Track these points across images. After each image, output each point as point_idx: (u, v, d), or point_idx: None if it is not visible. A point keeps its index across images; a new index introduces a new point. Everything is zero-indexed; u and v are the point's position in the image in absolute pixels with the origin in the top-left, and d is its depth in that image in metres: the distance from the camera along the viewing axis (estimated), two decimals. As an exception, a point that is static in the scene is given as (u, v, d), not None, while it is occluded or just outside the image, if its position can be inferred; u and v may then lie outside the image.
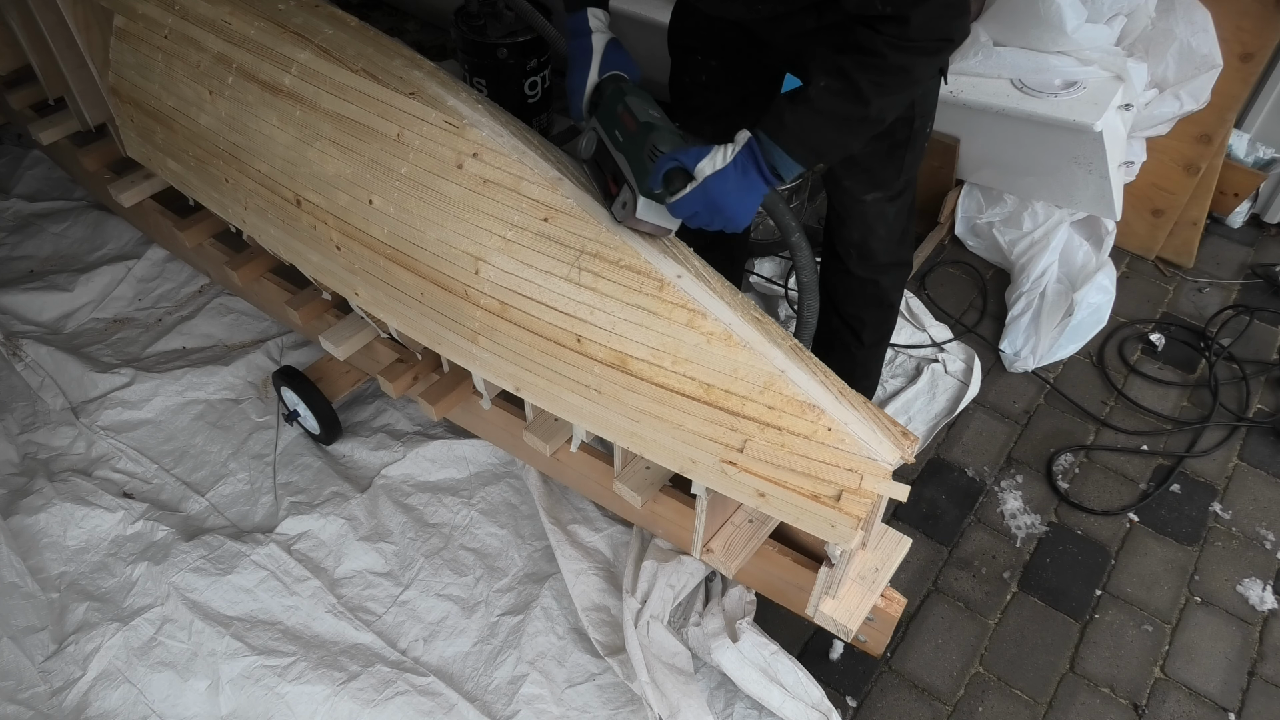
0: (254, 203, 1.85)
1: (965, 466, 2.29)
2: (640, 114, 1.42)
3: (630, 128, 1.42)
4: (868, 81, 1.25)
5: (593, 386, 1.47)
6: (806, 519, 1.36)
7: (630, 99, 1.45)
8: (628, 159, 1.41)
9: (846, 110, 1.28)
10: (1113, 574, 2.08)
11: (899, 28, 1.20)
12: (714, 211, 1.34)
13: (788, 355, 1.38)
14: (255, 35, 1.78)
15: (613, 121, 1.45)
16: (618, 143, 1.43)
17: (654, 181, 1.35)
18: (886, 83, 1.25)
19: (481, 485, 2.13)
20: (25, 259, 2.65)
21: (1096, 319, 2.59)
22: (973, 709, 1.85)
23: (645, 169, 1.37)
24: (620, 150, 1.43)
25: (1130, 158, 2.62)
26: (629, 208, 1.39)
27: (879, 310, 2.00)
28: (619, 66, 1.54)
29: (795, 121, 1.29)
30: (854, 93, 1.25)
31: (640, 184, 1.37)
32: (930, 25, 1.21)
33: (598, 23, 1.54)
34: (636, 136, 1.40)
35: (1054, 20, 2.32)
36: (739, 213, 1.35)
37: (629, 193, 1.39)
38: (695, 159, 1.33)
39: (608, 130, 1.46)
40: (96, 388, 2.27)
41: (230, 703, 1.76)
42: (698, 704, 1.68)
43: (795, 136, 1.30)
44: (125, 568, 1.94)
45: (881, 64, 1.23)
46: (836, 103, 1.27)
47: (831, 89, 1.27)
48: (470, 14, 2.68)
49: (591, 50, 1.52)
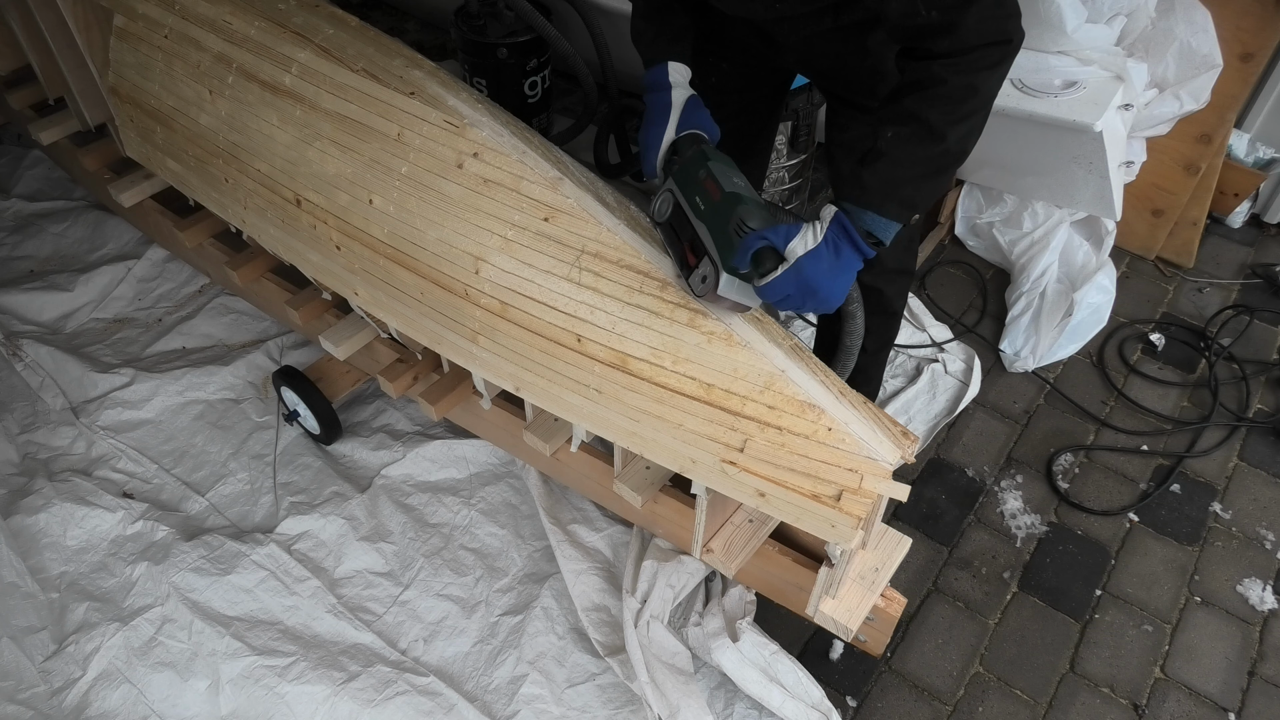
0: (254, 202, 1.85)
1: (965, 466, 2.29)
2: (725, 183, 1.35)
3: (713, 196, 1.34)
4: (937, 114, 1.20)
5: (593, 386, 1.47)
6: (807, 519, 1.36)
7: (713, 164, 1.38)
8: (710, 230, 1.33)
9: (925, 151, 1.23)
10: (1113, 574, 2.08)
11: (950, 38, 1.16)
12: (806, 293, 1.27)
13: (788, 355, 1.38)
14: (255, 35, 1.78)
15: (693, 187, 1.38)
16: (698, 211, 1.36)
17: (741, 261, 1.28)
18: (956, 110, 1.20)
19: (481, 485, 2.13)
20: (25, 259, 2.65)
21: (1096, 319, 2.59)
22: (973, 709, 1.85)
23: (730, 244, 1.29)
24: (701, 219, 1.35)
25: (1130, 158, 2.62)
26: (709, 282, 1.32)
27: (883, 317, 2.00)
28: (699, 125, 1.48)
29: (876, 180, 1.24)
30: (926, 131, 1.21)
31: (724, 260, 1.30)
32: (983, 28, 1.16)
33: (678, 77, 1.50)
34: (720, 207, 1.32)
35: (1054, 20, 2.32)
36: (833, 293, 1.28)
37: (710, 266, 1.32)
38: (786, 238, 1.26)
39: (687, 195, 1.39)
40: (96, 388, 2.27)
41: (230, 703, 1.76)
42: (698, 704, 1.68)
43: (881, 195, 1.25)
44: (125, 568, 1.94)
45: (945, 90, 1.18)
46: (912, 147, 1.22)
47: (902, 135, 1.22)
48: (470, 14, 2.68)
49: (670, 105, 1.47)
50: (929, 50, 1.18)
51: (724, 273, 1.30)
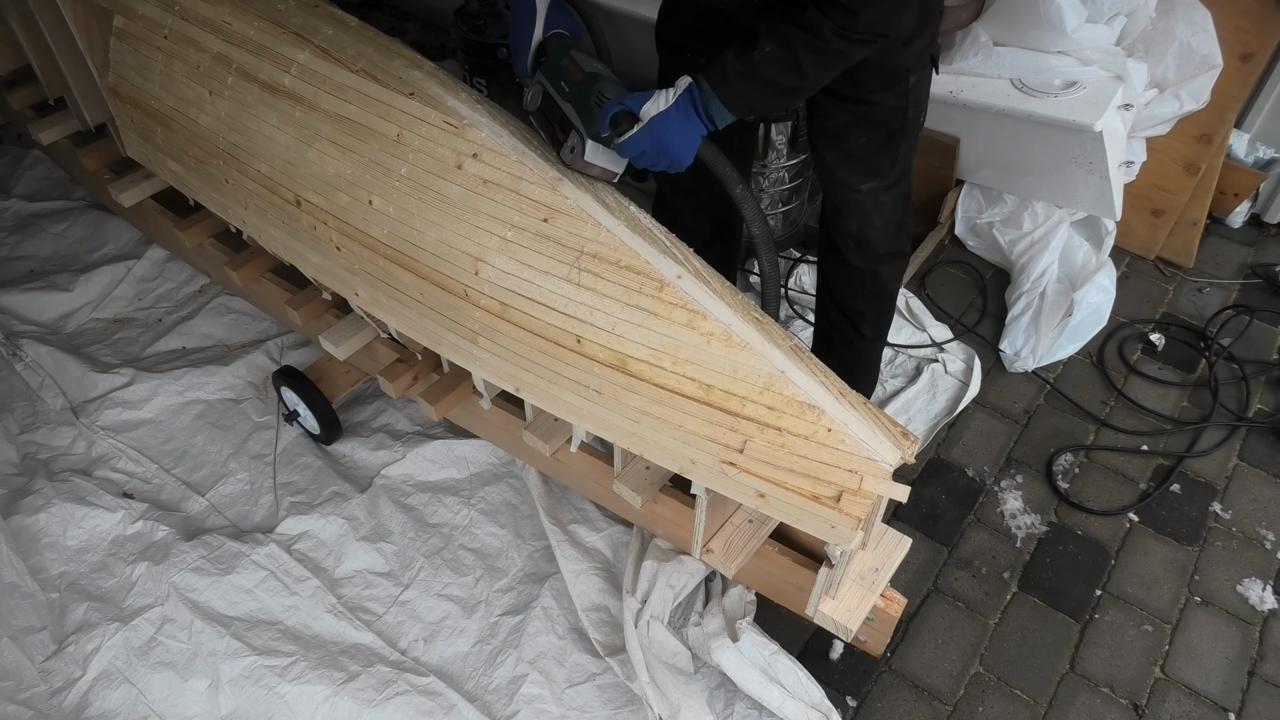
0: (254, 203, 1.85)
1: (965, 466, 2.29)
2: (585, 65, 1.47)
3: (576, 78, 1.47)
4: (809, 59, 1.36)
5: (593, 387, 1.47)
6: (806, 519, 1.36)
7: (575, 53, 1.50)
8: (575, 107, 1.46)
9: (785, 79, 1.39)
10: (1113, 574, 2.08)
11: (847, 18, 1.30)
12: (660, 150, 1.41)
13: (788, 356, 1.38)
14: (255, 35, 1.78)
15: (558, 74, 1.50)
16: (564, 93, 1.48)
17: (601, 125, 1.41)
18: (824, 62, 1.37)
19: (481, 485, 2.13)
20: (25, 259, 2.65)
21: (1096, 319, 2.59)
22: (973, 709, 1.85)
23: (592, 114, 1.42)
24: (566, 99, 1.47)
25: (1130, 158, 2.62)
26: (577, 151, 1.45)
27: (878, 302, 2.01)
28: (562, 25, 1.58)
29: (738, 80, 1.39)
30: (794, 64, 1.36)
31: (588, 128, 1.43)
32: (875, 21, 1.32)
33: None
34: (582, 85, 1.45)
35: (1054, 20, 2.32)
36: (682, 151, 1.42)
37: (577, 137, 1.45)
38: (640, 102, 1.40)
39: (553, 82, 1.50)
40: (96, 388, 2.28)
41: (230, 703, 1.76)
42: (698, 704, 1.68)
43: (735, 92, 1.40)
44: (125, 568, 1.94)
45: (825, 47, 1.34)
46: (777, 71, 1.37)
47: (775, 57, 1.36)
48: (470, 14, 2.68)
49: (535, 9, 1.56)
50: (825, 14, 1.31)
51: (589, 140, 1.43)
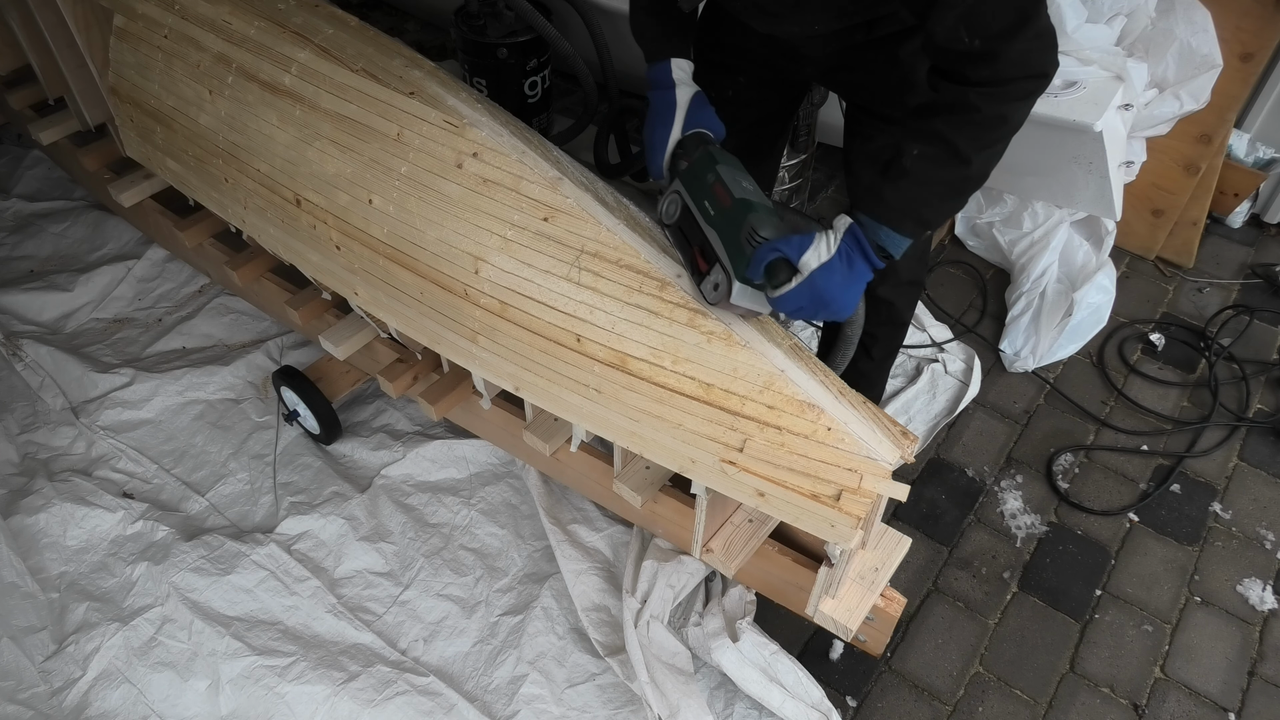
0: (254, 202, 1.85)
1: (965, 466, 2.29)
2: (734, 188, 1.35)
3: (724, 202, 1.34)
4: (965, 140, 1.19)
5: (592, 386, 1.47)
6: (806, 519, 1.36)
7: (722, 167, 1.38)
8: (720, 237, 1.33)
9: (948, 174, 1.23)
10: (1113, 574, 2.08)
11: (990, 68, 1.14)
12: (819, 305, 1.27)
13: (787, 355, 1.38)
14: (255, 35, 1.78)
15: (701, 190, 1.38)
16: (708, 215, 1.36)
17: (754, 272, 1.28)
18: (985, 137, 1.20)
19: (481, 485, 2.13)
20: (25, 259, 2.65)
21: (1096, 319, 2.59)
22: (973, 709, 1.85)
23: (742, 253, 1.30)
24: (711, 225, 1.35)
25: (1130, 158, 2.62)
26: (722, 290, 1.32)
27: (890, 328, 1.99)
28: (704, 124, 1.47)
29: (897, 196, 1.24)
30: (952, 154, 1.20)
31: (737, 269, 1.30)
32: (1023, 61, 1.15)
33: (682, 74, 1.48)
34: (731, 214, 1.32)
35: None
36: (846, 304, 1.29)
37: (723, 274, 1.32)
38: (799, 250, 1.26)
39: (695, 199, 1.38)
40: (96, 388, 2.27)
41: (230, 703, 1.76)
42: (698, 704, 1.68)
43: (899, 211, 1.24)
44: (125, 568, 1.94)
45: (977, 118, 1.18)
46: (936, 168, 1.22)
47: (928, 155, 1.21)
48: (470, 14, 2.68)
49: (675, 104, 1.46)
50: (965, 76, 1.17)
51: (736, 281, 1.30)
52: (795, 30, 1.45)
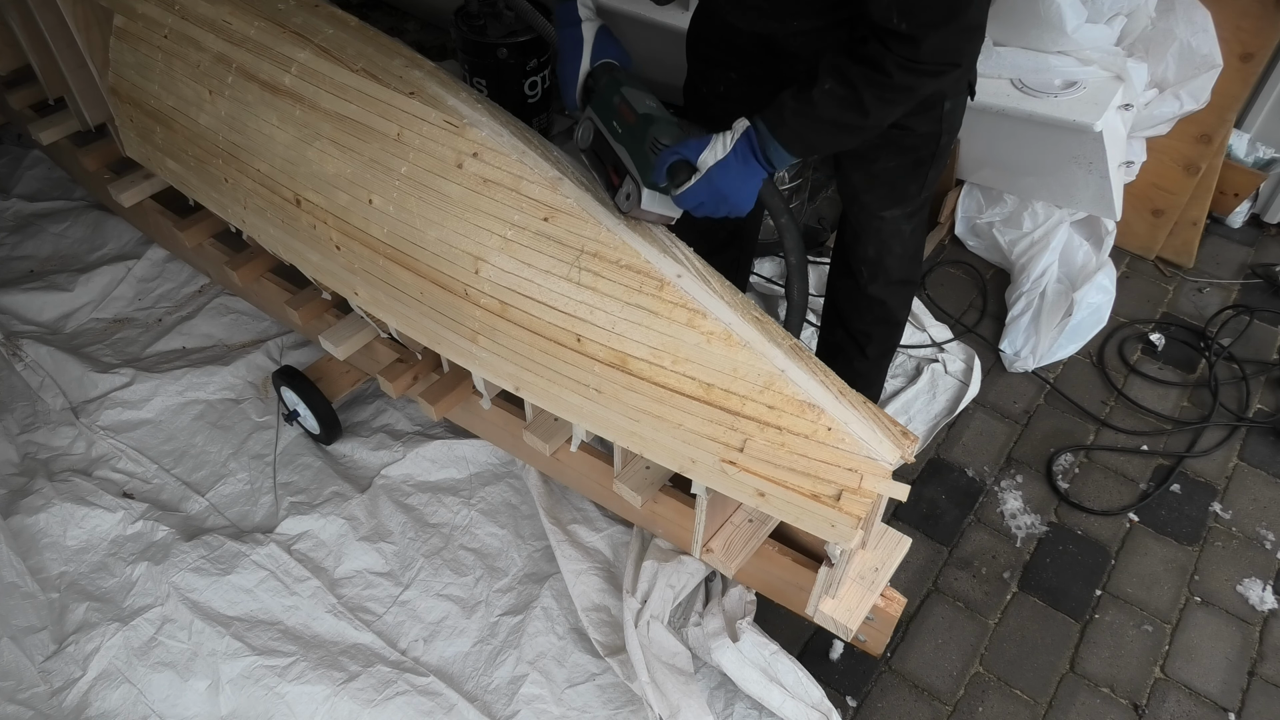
0: (254, 202, 1.85)
1: (965, 466, 2.29)
2: (638, 105, 1.43)
3: (629, 119, 1.43)
4: (871, 95, 1.27)
5: (593, 386, 1.47)
6: (806, 519, 1.36)
7: (626, 89, 1.46)
8: (629, 151, 1.42)
9: (847, 118, 1.31)
10: (1113, 574, 2.08)
11: (911, 49, 1.21)
12: (719, 200, 1.37)
13: (788, 355, 1.38)
14: (255, 35, 1.78)
15: (610, 112, 1.46)
16: (616, 134, 1.45)
17: (658, 175, 1.37)
18: (889, 98, 1.28)
19: (481, 485, 2.13)
20: (25, 259, 2.65)
21: (1096, 319, 2.59)
22: (973, 709, 1.85)
23: (648, 161, 1.39)
24: (620, 142, 1.44)
25: (1130, 158, 2.62)
26: (633, 199, 1.41)
27: (886, 327, 2.00)
28: (611, 54, 1.54)
29: (796, 120, 1.32)
30: (855, 101, 1.28)
31: (644, 176, 1.39)
32: (941, 49, 1.22)
33: (587, 11, 1.54)
34: (636, 128, 1.42)
35: (1054, 20, 2.32)
36: (742, 198, 1.38)
37: (633, 184, 1.41)
38: (697, 151, 1.36)
39: (605, 121, 1.47)
40: (96, 388, 2.27)
41: (230, 703, 1.76)
42: (698, 704, 1.68)
43: (794, 133, 1.34)
44: (125, 568, 1.94)
45: (888, 81, 1.25)
46: (838, 109, 1.29)
47: (835, 94, 1.28)
48: (470, 14, 2.68)
49: (582, 39, 1.53)
50: (888, 46, 1.24)
51: (645, 188, 1.39)
52: (776, 27, 1.51)
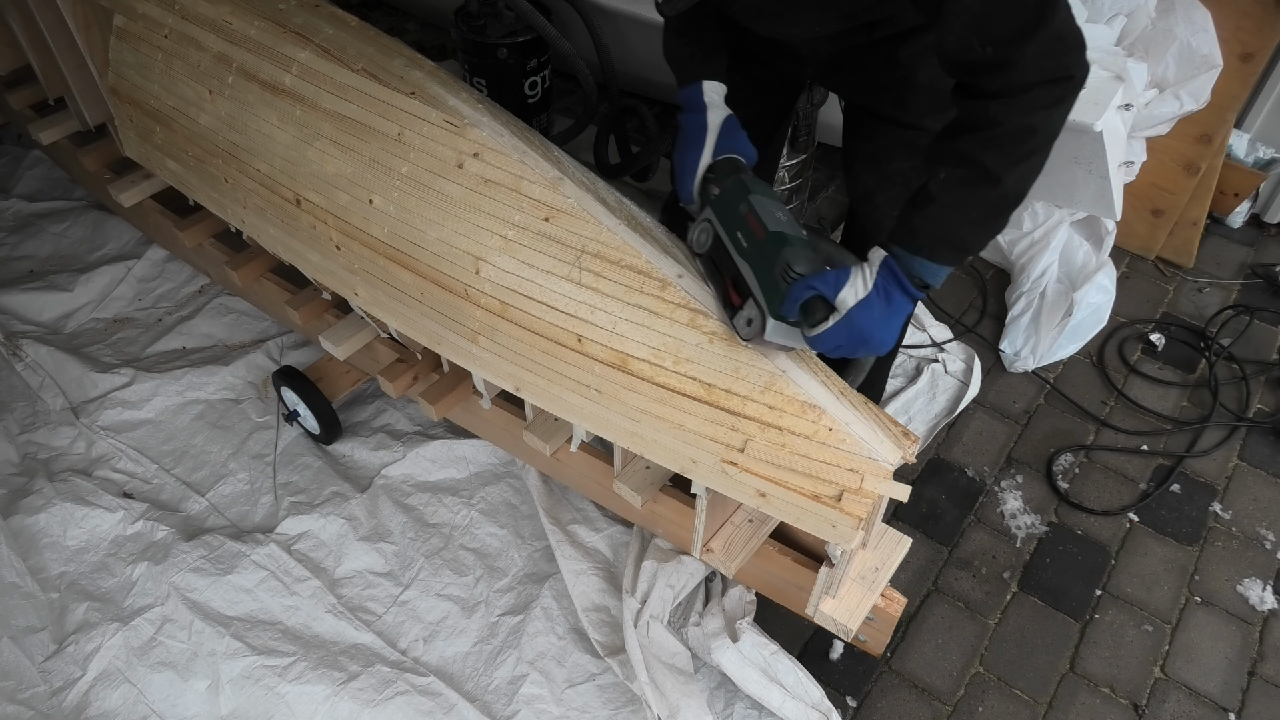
0: (254, 202, 1.85)
1: (965, 466, 2.29)
2: (769, 220, 1.31)
3: (757, 235, 1.30)
4: (993, 157, 1.13)
5: (593, 386, 1.47)
6: (807, 519, 1.36)
7: (755, 198, 1.34)
8: (754, 271, 1.30)
9: (979, 195, 1.16)
10: (1113, 574, 2.08)
11: (1005, 76, 1.08)
12: (859, 342, 1.23)
13: (788, 355, 1.38)
14: (255, 35, 1.78)
15: (734, 220, 1.34)
16: (740, 248, 1.32)
17: (789, 310, 1.25)
18: (1013, 152, 1.13)
19: (481, 485, 2.13)
20: (25, 259, 2.65)
21: (1096, 319, 2.59)
22: (973, 709, 1.85)
23: (777, 290, 1.26)
24: (745, 258, 1.32)
25: (1130, 158, 2.62)
26: (755, 325, 1.29)
27: None
28: (735, 149, 1.44)
29: (927, 224, 1.19)
30: (981, 174, 1.14)
31: (771, 306, 1.27)
32: (1041, 65, 1.08)
33: (715, 97, 1.45)
34: (764, 247, 1.29)
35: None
36: (885, 339, 1.24)
37: (756, 310, 1.29)
38: (835, 287, 1.21)
39: (728, 229, 1.35)
40: (96, 388, 2.27)
41: (230, 703, 1.76)
42: (698, 704, 1.68)
43: (933, 239, 1.19)
44: (125, 568, 1.94)
45: (1001, 133, 1.11)
46: (966, 191, 1.16)
47: (956, 178, 1.16)
48: (470, 14, 2.68)
49: (707, 128, 1.43)
50: (982, 89, 1.11)
51: (770, 318, 1.27)
52: (796, 32, 1.44)
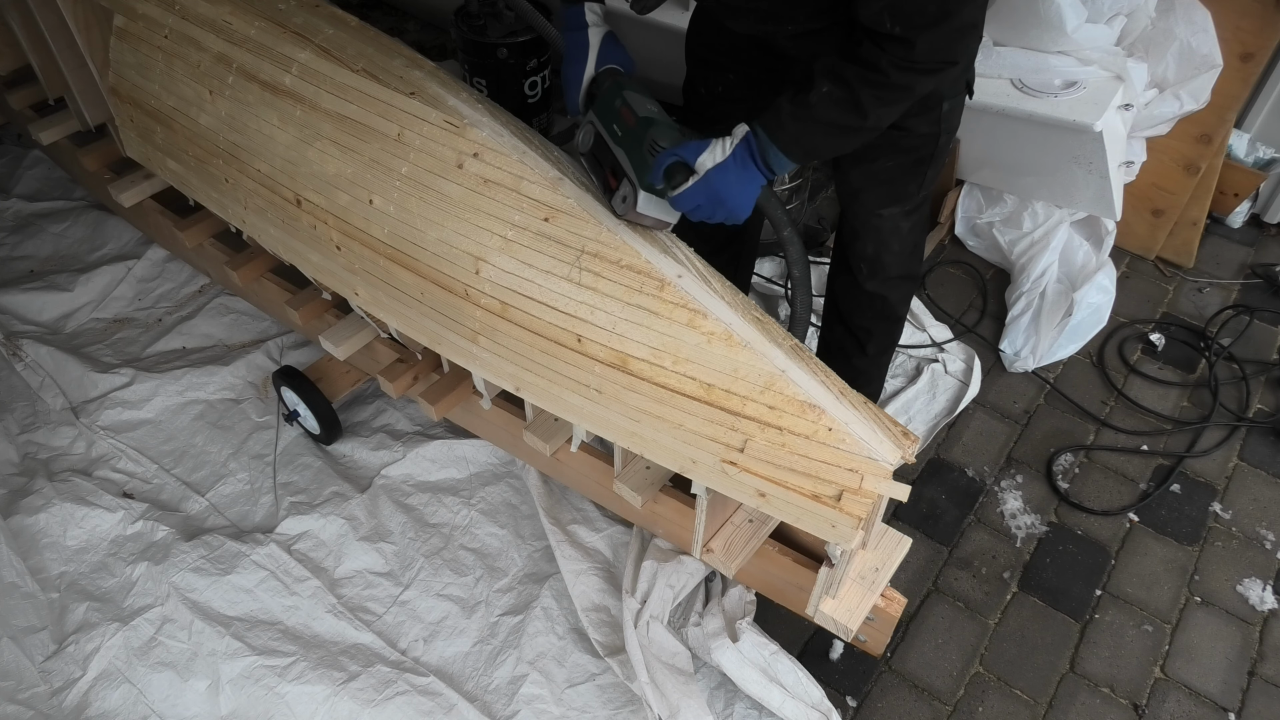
0: (254, 203, 1.85)
1: (965, 466, 2.29)
2: (639, 108, 1.43)
3: (629, 122, 1.42)
4: (869, 95, 1.27)
5: (593, 386, 1.47)
6: (807, 519, 1.36)
7: (628, 93, 1.46)
8: (627, 153, 1.41)
9: (845, 120, 1.30)
10: (1113, 574, 2.08)
11: (905, 50, 1.22)
12: (716, 204, 1.37)
13: (788, 355, 1.38)
14: (255, 35, 1.78)
15: (611, 116, 1.46)
16: (616, 137, 1.44)
17: (655, 177, 1.36)
18: (886, 98, 1.28)
19: (481, 485, 2.13)
20: (25, 259, 2.65)
21: (1096, 319, 2.59)
22: (973, 709, 1.85)
23: (645, 163, 1.38)
24: (619, 144, 1.43)
25: (1130, 158, 2.62)
26: (629, 201, 1.40)
27: (886, 323, 2.00)
28: (615, 60, 1.54)
29: (794, 124, 1.32)
30: (854, 103, 1.28)
31: (641, 178, 1.38)
32: (936, 49, 1.22)
33: (594, 16, 1.54)
34: (635, 131, 1.41)
35: (1054, 20, 2.32)
36: (740, 204, 1.37)
37: (629, 187, 1.40)
38: (695, 153, 1.35)
39: (605, 124, 1.47)
40: (96, 388, 2.27)
41: (230, 703, 1.76)
42: (698, 704, 1.68)
43: (792, 137, 1.33)
44: (125, 568, 1.94)
45: (884, 81, 1.25)
46: (836, 111, 1.29)
47: (833, 96, 1.28)
48: (470, 14, 2.68)
49: (588, 44, 1.53)
50: (882, 48, 1.24)
51: (641, 190, 1.38)
52: (774, 30, 1.50)
